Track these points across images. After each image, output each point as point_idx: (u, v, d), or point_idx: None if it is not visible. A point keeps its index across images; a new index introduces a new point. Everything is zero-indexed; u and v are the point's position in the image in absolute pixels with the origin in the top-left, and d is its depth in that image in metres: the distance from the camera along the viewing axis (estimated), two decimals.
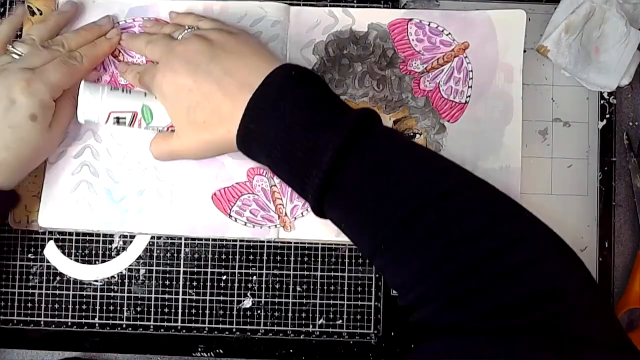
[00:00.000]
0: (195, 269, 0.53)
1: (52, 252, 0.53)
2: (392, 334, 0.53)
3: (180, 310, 0.53)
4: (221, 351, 0.53)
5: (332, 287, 0.53)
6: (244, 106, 0.41)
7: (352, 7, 0.53)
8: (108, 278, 0.53)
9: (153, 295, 0.53)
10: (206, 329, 0.53)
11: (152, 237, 0.53)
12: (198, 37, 0.45)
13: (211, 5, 0.52)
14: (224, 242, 0.53)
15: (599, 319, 0.34)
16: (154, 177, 0.52)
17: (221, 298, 0.53)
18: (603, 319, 0.35)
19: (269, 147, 0.40)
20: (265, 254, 0.53)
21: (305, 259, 0.53)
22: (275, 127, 0.39)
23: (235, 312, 0.53)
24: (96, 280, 0.53)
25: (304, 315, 0.53)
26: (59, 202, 0.52)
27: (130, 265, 0.53)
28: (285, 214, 0.52)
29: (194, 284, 0.53)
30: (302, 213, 0.52)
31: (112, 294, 0.53)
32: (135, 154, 0.52)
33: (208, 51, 0.44)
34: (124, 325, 0.53)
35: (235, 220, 0.52)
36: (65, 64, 0.48)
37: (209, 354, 0.53)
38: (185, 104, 0.43)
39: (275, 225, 0.52)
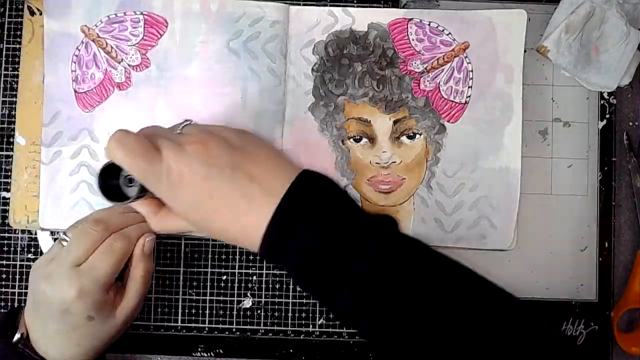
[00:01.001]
0: (195, 269, 0.53)
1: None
2: None
3: (180, 310, 0.53)
4: (221, 351, 0.53)
5: None
6: (269, 216, 0.38)
7: (352, 6, 0.53)
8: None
9: (153, 295, 0.53)
10: (206, 329, 0.53)
11: None
12: (210, 133, 0.41)
13: (208, 3, 0.52)
14: (224, 242, 0.53)
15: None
16: None
17: (221, 298, 0.53)
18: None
19: (297, 260, 0.39)
20: None
21: None
22: (304, 243, 0.38)
23: (235, 312, 0.53)
24: None
25: (304, 315, 0.53)
26: (59, 203, 0.52)
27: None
28: None
29: (194, 284, 0.53)
30: None
31: None
32: None
33: (228, 153, 0.40)
34: None
35: None
36: (111, 252, 0.44)
37: (209, 354, 0.53)
38: (202, 209, 0.40)
39: None
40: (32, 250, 0.53)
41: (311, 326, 0.53)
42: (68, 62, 0.52)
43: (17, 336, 0.44)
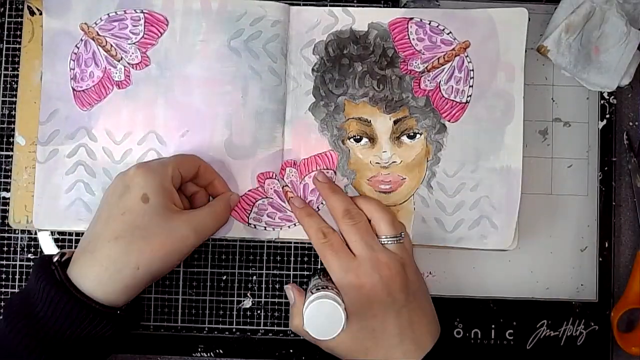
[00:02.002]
0: (195, 269, 0.53)
1: (51, 252, 0.53)
2: None
3: (180, 310, 0.53)
4: (221, 351, 0.53)
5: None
6: None
7: (352, 6, 0.53)
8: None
9: (153, 295, 0.53)
10: (206, 329, 0.53)
11: None
12: (400, 264, 0.45)
13: (209, 2, 0.52)
14: (224, 242, 0.53)
15: None
16: None
17: (221, 298, 0.53)
18: None
19: None
20: (265, 254, 0.53)
21: (305, 259, 0.53)
22: None
23: (235, 312, 0.53)
24: None
25: None
26: (54, 203, 0.51)
27: None
28: None
29: (194, 284, 0.53)
30: (317, 207, 0.52)
31: None
32: (134, 154, 0.52)
33: (405, 291, 0.45)
34: None
35: (255, 227, 0.52)
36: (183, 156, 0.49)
37: (209, 354, 0.53)
38: (362, 333, 0.44)
39: (295, 224, 0.52)
40: (32, 250, 0.53)
41: None
42: (66, 60, 0.52)
43: (57, 256, 0.43)
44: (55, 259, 0.43)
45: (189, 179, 0.49)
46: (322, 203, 0.52)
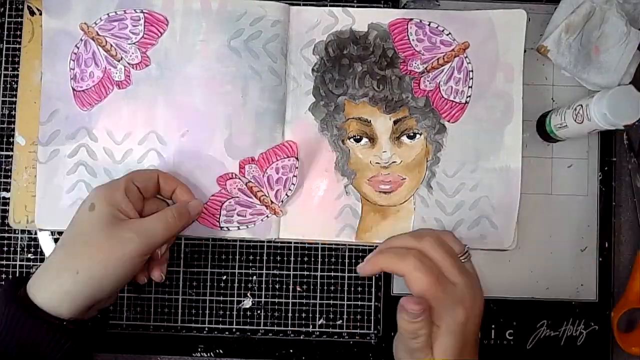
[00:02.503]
0: (195, 269, 0.53)
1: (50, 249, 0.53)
2: (392, 334, 0.53)
3: (180, 310, 0.53)
4: (221, 351, 0.53)
5: (332, 287, 0.53)
6: None
7: (352, 7, 0.53)
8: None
9: (153, 295, 0.53)
10: (206, 329, 0.53)
11: None
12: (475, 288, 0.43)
13: (209, 1, 0.52)
14: (224, 242, 0.53)
15: None
16: None
17: (221, 298, 0.53)
18: None
19: None
20: (265, 254, 0.53)
21: (305, 259, 0.53)
22: None
23: (235, 312, 0.53)
24: None
25: (304, 315, 0.53)
26: (56, 203, 0.52)
27: None
28: (271, 201, 0.52)
29: (194, 284, 0.53)
30: (286, 194, 0.52)
31: None
32: (135, 154, 0.52)
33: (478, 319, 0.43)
34: (124, 325, 0.53)
35: (228, 229, 0.52)
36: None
37: (208, 354, 0.53)
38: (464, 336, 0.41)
39: (267, 216, 0.52)
40: (32, 250, 0.53)
41: (311, 326, 0.53)
42: (66, 60, 0.52)
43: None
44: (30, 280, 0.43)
45: (152, 191, 0.48)
46: (290, 189, 0.51)
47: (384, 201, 0.52)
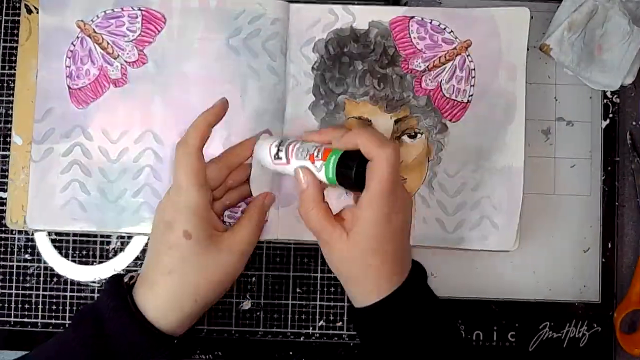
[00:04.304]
0: None
1: (48, 253, 0.52)
2: None
3: None
4: (220, 353, 0.53)
5: (332, 289, 0.53)
6: (389, 290, 0.42)
7: (353, 4, 0.53)
8: (106, 279, 0.52)
9: None
10: (205, 330, 0.53)
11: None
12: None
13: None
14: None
15: None
16: (150, 177, 0.51)
17: (220, 299, 0.53)
18: None
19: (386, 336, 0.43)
20: (265, 255, 0.53)
21: (305, 259, 0.53)
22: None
23: (234, 314, 0.53)
24: (94, 282, 0.53)
25: (303, 317, 0.53)
26: (48, 202, 0.51)
27: (128, 267, 0.53)
28: None
29: None
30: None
31: None
32: (130, 153, 0.51)
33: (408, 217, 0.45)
34: None
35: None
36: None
37: (207, 356, 0.53)
38: (388, 226, 0.42)
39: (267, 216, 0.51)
40: (29, 251, 0.53)
41: (311, 328, 0.53)
42: (62, 58, 0.52)
43: (127, 277, 0.45)
44: (126, 280, 0.45)
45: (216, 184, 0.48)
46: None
47: None
